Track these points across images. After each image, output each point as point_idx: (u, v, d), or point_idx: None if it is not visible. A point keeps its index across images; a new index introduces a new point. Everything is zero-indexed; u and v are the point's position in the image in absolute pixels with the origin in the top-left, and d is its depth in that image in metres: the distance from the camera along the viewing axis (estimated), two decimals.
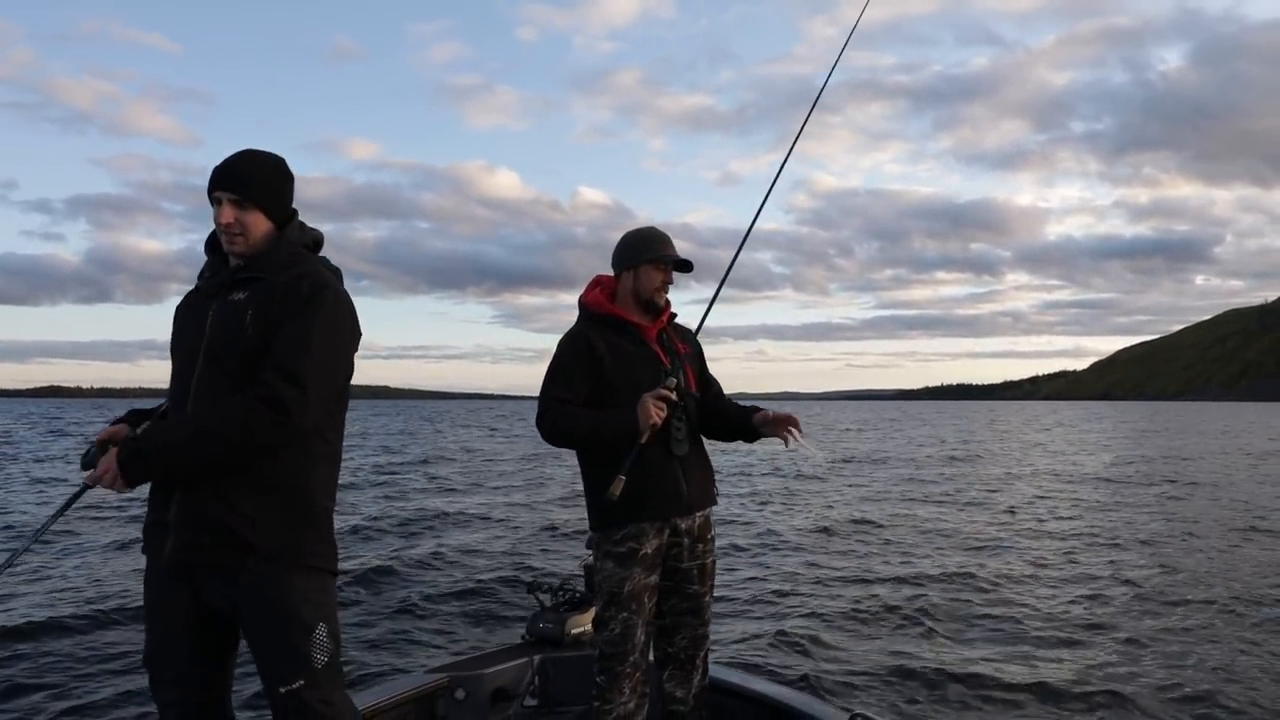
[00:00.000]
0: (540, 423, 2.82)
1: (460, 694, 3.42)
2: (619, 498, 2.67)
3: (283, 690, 2.14)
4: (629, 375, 2.81)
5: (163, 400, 2.31)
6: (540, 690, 3.60)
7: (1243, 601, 7.19)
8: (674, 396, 2.74)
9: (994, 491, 16.13)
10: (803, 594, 7.47)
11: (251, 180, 2.17)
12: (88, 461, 2.16)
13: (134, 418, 2.30)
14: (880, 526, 11.59)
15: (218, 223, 2.16)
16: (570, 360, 2.84)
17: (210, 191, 2.18)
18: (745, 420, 3.02)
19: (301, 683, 2.13)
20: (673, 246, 2.95)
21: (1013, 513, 13.00)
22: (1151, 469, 21.28)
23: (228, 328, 2.12)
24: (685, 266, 2.96)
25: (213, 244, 2.29)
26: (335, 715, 2.18)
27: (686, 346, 3.01)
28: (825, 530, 11.18)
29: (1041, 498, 15.06)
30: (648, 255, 2.90)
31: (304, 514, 2.16)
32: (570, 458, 2.84)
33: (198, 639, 2.21)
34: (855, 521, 12.00)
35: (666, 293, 2.95)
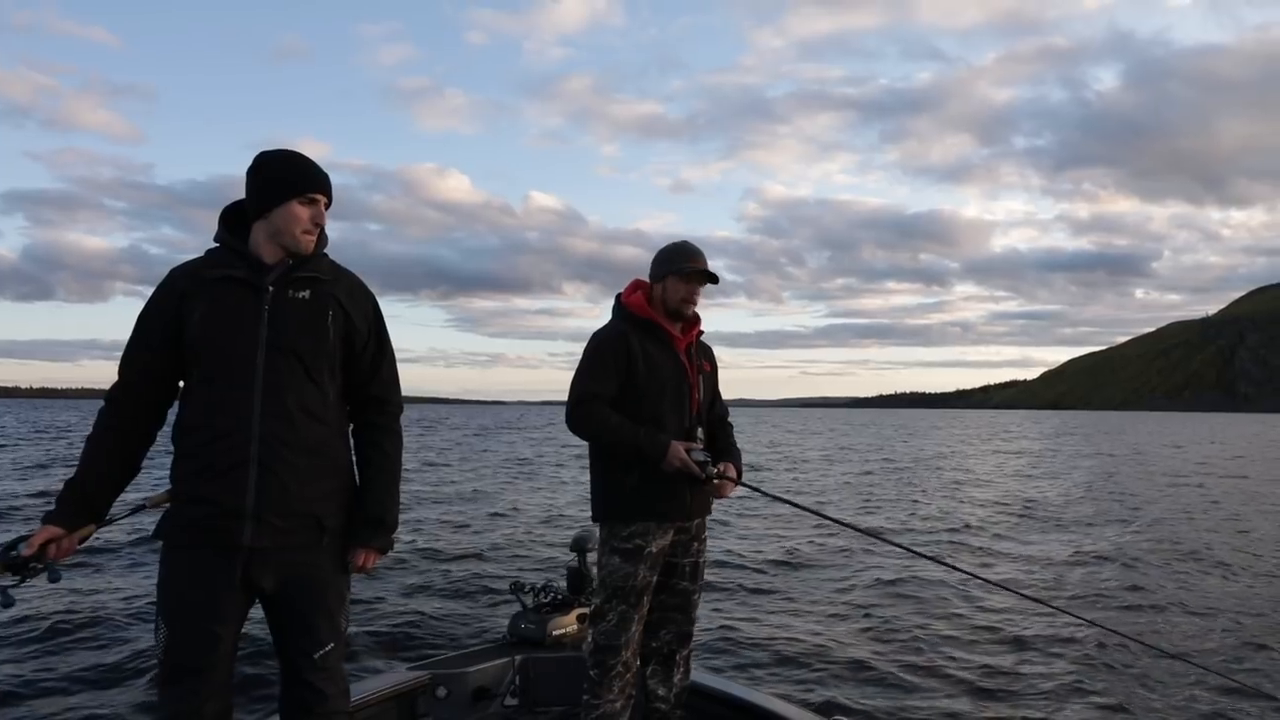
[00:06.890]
0: (573, 411, 2.90)
1: (442, 692, 3.43)
2: (630, 494, 2.85)
3: (316, 656, 2.26)
4: (656, 378, 2.92)
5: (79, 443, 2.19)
6: (521, 690, 3.62)
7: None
8: (698, 471, 2.83)
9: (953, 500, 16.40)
10: (780, 603, 7.54)
11: (330, 187, 2.30)
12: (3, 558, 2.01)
13: (63, 518, 2.13)
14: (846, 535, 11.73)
15: (311, 221, 2.24)
16: (608, 354, 2.92)
17: (305, 190, 2.23)
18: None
19: (332, 645, 2.29)
20: (702, 259, 3.02)
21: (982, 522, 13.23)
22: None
23: (307, 325, 2.22)
24: (710, 279, 3.03)
25: (229, 228, 2.27)
26: (343, 673, 2.37)
27: (708, 365, 3.14)
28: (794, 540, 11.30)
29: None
30: (671, 268, 3.00)
31: (350, 492, 2.34)
32: (566, 458, 2.90)
33: (238, 627, 2.24)
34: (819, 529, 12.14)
35: (693, 304, 3.02)
